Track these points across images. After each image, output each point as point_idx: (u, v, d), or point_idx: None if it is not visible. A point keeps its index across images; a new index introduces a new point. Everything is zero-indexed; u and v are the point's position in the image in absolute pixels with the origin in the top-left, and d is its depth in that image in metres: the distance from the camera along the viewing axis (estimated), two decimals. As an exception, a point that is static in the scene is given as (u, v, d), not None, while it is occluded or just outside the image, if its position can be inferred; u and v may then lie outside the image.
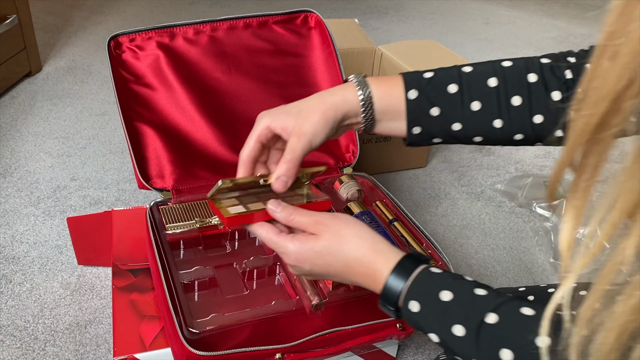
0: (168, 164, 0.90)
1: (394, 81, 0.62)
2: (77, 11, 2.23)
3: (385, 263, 0.55)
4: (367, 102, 0.61)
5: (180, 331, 0.65)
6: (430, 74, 0.63)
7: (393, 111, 0.62)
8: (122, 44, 0.93)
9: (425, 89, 0.61)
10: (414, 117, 0.61)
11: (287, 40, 1.01)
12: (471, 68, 0.63)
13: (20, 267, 1.03)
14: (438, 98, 0.61)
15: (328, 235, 0.57)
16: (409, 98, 0.61)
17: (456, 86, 0.61)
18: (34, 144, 1.39)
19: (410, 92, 0.61)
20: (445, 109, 0.61)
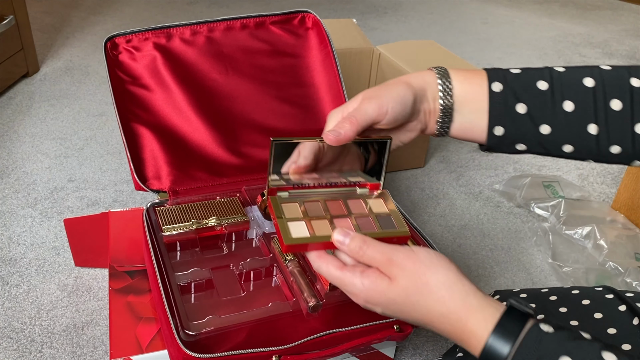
0: (165, 165, 0.89)
1: (475, 72, 0.56)
2: (75, 12, 2.22)
3: (482, 322, 0.45)
4: (445, 86, 0.55)
5: (176, 333, 0.64)
6: (518, 70, 0.56)
7: (474, 101, 0.55)
8: (118, 45, 0.93)
9: (511, 84, 0.55)
10: (497, 113, 0.54)
11: (284, 41, 1.01)
12: (563, 68, 0.56)
13: (17, 268, 1.03)
14: (525, 94, 0.54)
15: (404, 281, 0.47)
16: (493, 90, 0.54)
17: (546, 84, 0.54)
18: (31, 145, 1.38)
19: (494, 84, 0.54)
20: (533, 107, 0.54)
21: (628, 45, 2.43)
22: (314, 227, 0.53)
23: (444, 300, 0.46)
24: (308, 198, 0.56)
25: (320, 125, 1.01)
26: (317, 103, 1.01)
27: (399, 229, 0.55)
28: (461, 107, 0.56)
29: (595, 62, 2.21)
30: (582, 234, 1.17)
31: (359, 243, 0.50)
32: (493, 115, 0.54)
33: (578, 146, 0.55)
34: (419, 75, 0.57)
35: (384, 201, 0.59)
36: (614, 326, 0.59)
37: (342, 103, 0.99)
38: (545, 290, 0.70)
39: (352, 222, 0.54)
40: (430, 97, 0.56)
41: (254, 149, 0.95)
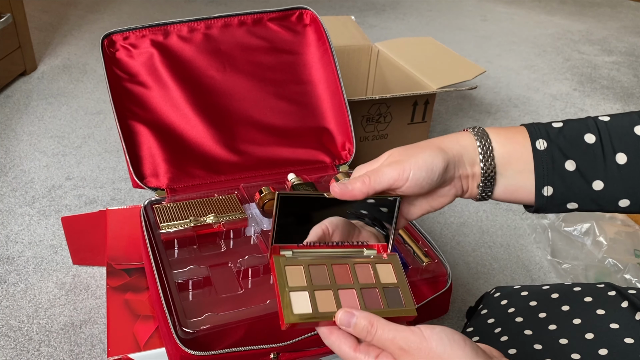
0: (162, 163, 0.89)
1: (515, 130, 0.52)
2: (73, 10, 2.22)
3: None
4: (485, 148, 0.51)
5: (174, 331, 0.64)
6: (559, 123, 0.52)
7: (518, 161, 0.51)
8: (115, 42, 0.93)
9: (555, 139, 0.51)
10: (544, 172, 0.51)
11: (282, 38, 1.00)
12: (608, 117, 0.52)
13: (14, 267, 1.02)
14: (573, 149, 0.51)
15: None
16: (537, 148, 0.50)
17: (594, 136, 0.51)
18: (28, 143, 1.38)
19: (537, 141, 0.51)
20: (583, 163, 0.50)
21: (627, 42, 2.42)
22: (317, 301, 0.49)
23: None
24: (313, 260, 0.52)
25: (318, 123, 1.01)
26: (315, 100, 1.01)
27: (406, 308, 0.52)
28: (504, 170, 0.52)
29: (594, 59, 2.21)
30: (582, 230, 1.17)
31: (366, 326, 0.46)
32: (540, 175, 0.51)
33: (636, 199, 0.51)
34: (454, 138, 0.52)
35: (392, 267, 0.55)
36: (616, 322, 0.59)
37: (340, 100, 0.99)
38: (547, 287, 0.69)
39: (357, 294, 0.51)
40: (467, 161, 0.52)
41: (251, 146, 0.95)
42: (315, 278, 0.51)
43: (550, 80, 2.00)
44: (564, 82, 1.99)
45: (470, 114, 1.70)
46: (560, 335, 0.60)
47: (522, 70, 2.05)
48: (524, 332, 0.63)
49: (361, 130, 1.29)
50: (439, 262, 0.79)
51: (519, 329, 0.64)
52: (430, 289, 0.79)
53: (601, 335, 0.58)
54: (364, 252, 0.55)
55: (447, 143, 0.52)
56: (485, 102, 1.78)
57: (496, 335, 0.64)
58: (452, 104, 1.74)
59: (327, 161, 0.98)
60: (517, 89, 1.91)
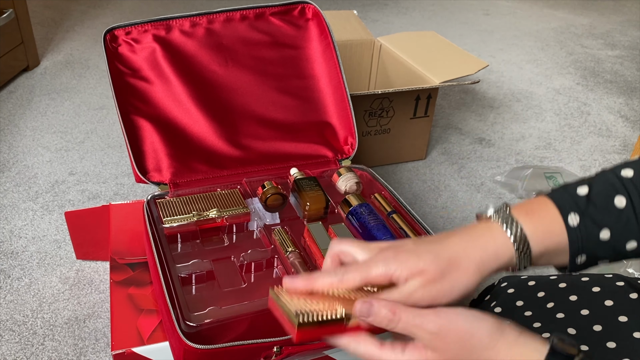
0: (165, 158, 0.89)
1: (545, 209, 0.49)
2: (75, 5, 2.22)
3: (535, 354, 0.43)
4: (521, 246, 0.48)
5: (177, 325, 0.64)
6: (585, 188, 0.50)
7: (555, 250, 0.49)
8: (118, 37, 0.93)
9: (586, 210, 0.49)
10: (578, 246, 0.49)
11: (284, 32, 1.00)
12: (632, 172, 0.50)
13: (18, 261, 1.03)
14: (606, 218, 0.48)
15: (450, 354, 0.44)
16: (571, 225, 0.48)
17: (624, 198, 0.48)
18: (32, 138, 1.38)
19: (570, 217, 0.48)
20: (617, 228, 0.48)
21: (630, 36, 2.41)
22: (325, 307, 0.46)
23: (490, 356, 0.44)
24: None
25: (320, 117, 1.01)
26: (318, 94, 1.01)
27: None
28: (539, 260, 0.50)
29: (597, 52, 2.20)
30: None
31: (387, 314, 0.44)
32: (574, 249, 0.49)
33: None
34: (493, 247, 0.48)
35: None
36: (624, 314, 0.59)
37: (342, 94, 0.99)
38: (554, 277, 0.69)
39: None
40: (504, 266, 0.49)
41: (254, 141, 0.95)
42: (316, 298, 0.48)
43: (553, 74, 1.99)
44: (567, 76, 1.99)
45: (473, 108, 1.69)
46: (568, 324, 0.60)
47: (525, 65, 2.05)
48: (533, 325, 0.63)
49: (363, 125, 1.29)
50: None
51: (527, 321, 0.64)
52: None
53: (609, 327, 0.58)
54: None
55: (485, 258, 0.48)
56: (488, 97, 1.78)
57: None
58: (455, 98, 1.74)
59: (330, 156, 0.98)
60: (520, 83, 1.90)
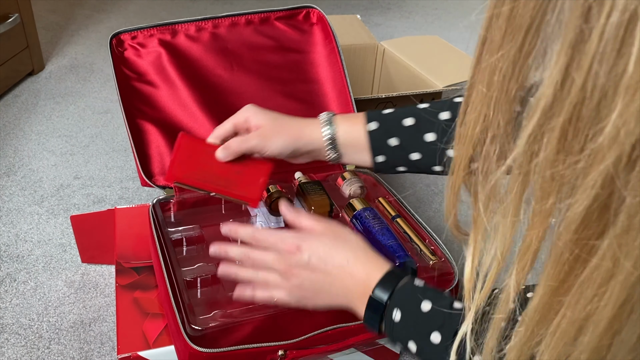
0: (170, 162, 0.90)
1: (357, 117, 0.71)
2: (80, 9, 2.23)
3: (377, 271, 0.59)
4: (332, 139, 0.70)
5: (182, 328, 0.65)
6: (389, 110, 0.71)
7: (357, 145, 0.70)
8: (124, 42, 0.93)
9: (384, 123, 0.69)
10: (375, 145, 0.69)
11: (289, 37, 1.01)
12: (427, 105, 0.70)
13: (24, 265, 1.03)
14: (396, 130, 0.69)
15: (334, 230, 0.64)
16: (368, 129, 0.69)
17: (412, 119, 0.69)
18: (37, 142, 1.39)
19: (370, 124, 0.69)
20: (404, 140, 0.69)
21: (634, 39, 2.41)
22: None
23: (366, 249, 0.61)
24: None
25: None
26: (322, 99, 1.01)
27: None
28: (346, 151, 0.72)
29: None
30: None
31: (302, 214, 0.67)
32: (373, 147, 0.70)
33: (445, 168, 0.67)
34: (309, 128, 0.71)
35: None
36: None
37: (347, 99, 0.99)
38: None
39: None
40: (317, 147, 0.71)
41: (259, 145, 0.95)
42: None
43: (556, 78, 1.99)
44: (571, 80, 1.99)
45: (477, 112, 1.69)
46: None
47: (529, 69, 2.05)
48: None
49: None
50: (445, 260, 0.79)
51: None
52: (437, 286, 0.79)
53: None
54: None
55: (306, 131, 0.71)
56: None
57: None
58: (458, 103, 1.74)
59: (334, 160, 0.98)
60: (524, 87, 1.90)
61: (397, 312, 0.56)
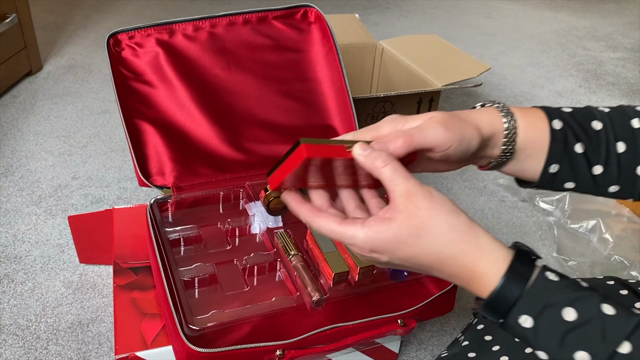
0: (168, 161, 0.89)
1: (535, 112, 0.55)
2: (78, 9, 2.23)
3: (494, 264, 0.45)
4: (511, 134, 0.53)
5: (180, 328, 0.64)
6: (569, 109, 0.56)
7: (534, 146, 0.54)
8: (121, 42, 0.93)
9: (569, 122, 0.54)
10: (556, 150, 0.53)
11: (286, 36, 1.00)
12: (608, 109, 0.56)
13: (22, 266, 1.03)
14: (583, 134, 0.54)
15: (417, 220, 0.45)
16: (554, 128, 0.53)
17: (601, 123, 0.54)
18: (35, 143, 1.39)
19: (554, 121, 0.54)
20: (589, 147, 0.54)
21: (632, 38, 2.41)
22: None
23: (456, 241, 0.45)
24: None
25: (323, 121, 1.01)
26: (320, 98, 1.01)
27: None
28: (519, 155, 0.54)
29: (599, 55, 2.20)
30: (587, 227, 1.17)
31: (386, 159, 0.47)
32: (552, 153, 0.53)
33: (625, 187, 0.55)
34: (488, 118, 0.53)
35: None
36: None
37: (345, 98, 0.99)
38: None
39: None
40: (492, 144, 0.54)
41: (257, 145, 0.95)
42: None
43: (555, 77, 1.99)
44: (569, 78, 1.99)
45: (475, 111, 1.69)
46: None
47: (527, 67, 2.05)
48: None
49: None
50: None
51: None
52: (435, 286, 0.79)
53: None
54: None
55: (483, 123, 0.53)
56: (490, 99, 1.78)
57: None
58: (457, 102, 1.74)
59: (332, 159, 0.98)
60: (522, 85, 1.90)
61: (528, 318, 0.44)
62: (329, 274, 0.72)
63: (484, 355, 0.62)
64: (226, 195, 0.88)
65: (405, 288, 0.79)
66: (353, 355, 0.80)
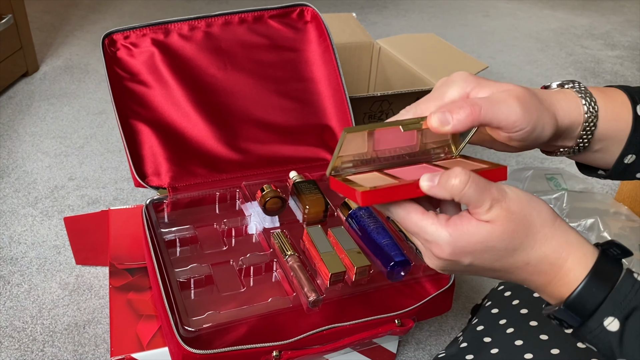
0: (164, 162, 0.89)
1: (618, 97, 0.49)
2: (74, 10, 2.22)
3: (582, 260, 0.41)
4: (590, 127, 0.47)
5: (176, 330, 0.64)
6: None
7: (613, 139, 0.48)
8: (116, 42, 0.93)
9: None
10: (636, 140, 0.48)
11: (283, 35, 1.00)
12: None
13: (18, 268, 1.02)
14: None
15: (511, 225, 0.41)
16: (638, 114, 0.47)
17: None
18: (31, 144, 1.38)
19: (639, 107, 0.48)
20: None
21: (630, 36, 2.41)
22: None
23: (547, 238, 0.42)
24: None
25: (320, 120, 1.00)
26: (317, 97, 1.00)
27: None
28: (595, 145, 0.49)
29: (597, 53, 2.20)
30: (586, 226, 1.16)
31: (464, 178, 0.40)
32: (631, 142, 0.48)
33: None
34: (567, 107, 0.47)
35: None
36: None
37: (342, 97, 0.99)
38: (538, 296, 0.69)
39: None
40: (569, 136, 0.48)
41: (253, 144, 0.95)
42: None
43: (553, 75, 1.99)
44: (567, 77, 1.98)
45: (473, 110, 1.69)
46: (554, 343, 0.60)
47: (525, 66, 2.05)
48: (529, 323, 0.63)
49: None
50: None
51: (524, 320, 0.63)
52: (433, 286, 0.79)
53: None
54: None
55: (560, 112, 0.47)
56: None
57: (502, 327, 0.64)
58: (455, 100, 1.74)
59: (329, 158, 0.98)
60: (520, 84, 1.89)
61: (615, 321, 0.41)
62: (326, 274, 0.72)
63: (481, 357, 0.61)
64: (222, 195, 0.88)
65: (402, 288, 0.78)
66: (350, 355, 0.80)
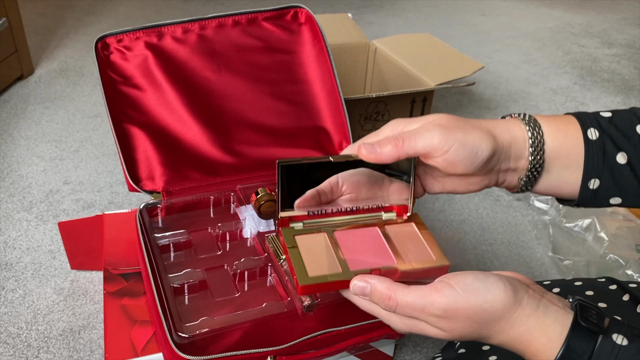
0: (158, 166, 0.88)
1: (565, 119, 0.49)
2: (69, 12, 2.21)
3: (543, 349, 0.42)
4: (537, 141, 0.47)
5: (169, 336, 0.63)
6: (608, 113, 0.50)
7: (568, 156, 0.48)
8: (109, 45, 0.92)
9: (607, 129, 0.48)
10: (594, 164, 0.47)
11: (277, 37, 0.99)
12: None
13: (12, 273, 1.02)
14: (625, 141, 0.47)
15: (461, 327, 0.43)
16: (589, 138, 0.47)
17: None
18: (26, 147, 1.37)
19: (589, 130, 0.48)
20: (635, 156, 0.47)
21: (627, 34, 2.41)
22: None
23: (504, 330, 0.42)
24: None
25: (315, 122, 1.00)
26: (312, 99, 1.00)
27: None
28: (551, 166, 0.49)
29: (594, 51, 2.20)
30: (583, 226, 1.16)
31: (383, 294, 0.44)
32: (589, 166, 0.48)
33: None
34: (505, 125, 0.48)
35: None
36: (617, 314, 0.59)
37: (336, 99, 0.98)
38: (548, 283, 0.69)
39: None
40: (514, 155, 0.48)
41: (248, 148, 0.94)
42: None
43: (550, 74, 1.99)
44: (564, 75, 1.98)
45: (470, 109, 1.69)
46: None
47: (522, 65, 2.04)
48: None
49: (359, 129, 1.28)
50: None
51: None
52: (429, 288, 0.78)
53: None
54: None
55: (498, 130, 0.48)
56: (484, 98, 1.77)
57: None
58: (451, 100, 1.73)
59: (324, 161, 0.97)
60: (517, 83, 1.89)
61: None
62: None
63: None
64: (217, 199, 0.87)
65: (398, 291, 0.78)
66: (347, 359, 0.79)
